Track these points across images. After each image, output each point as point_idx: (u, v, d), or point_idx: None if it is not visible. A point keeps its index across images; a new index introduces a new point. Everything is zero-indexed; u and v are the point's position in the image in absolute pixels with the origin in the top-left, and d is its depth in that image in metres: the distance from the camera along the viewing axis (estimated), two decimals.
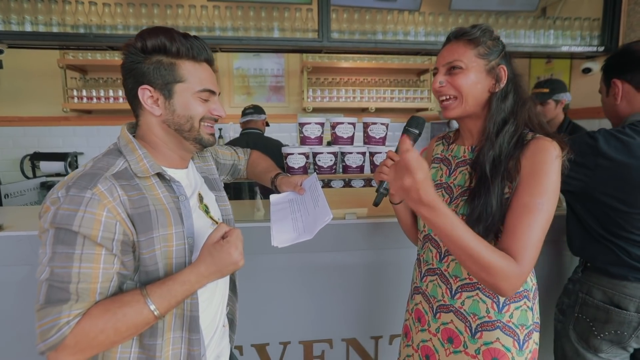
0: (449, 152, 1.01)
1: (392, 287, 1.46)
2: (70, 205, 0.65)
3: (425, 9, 1.97)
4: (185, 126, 0.79)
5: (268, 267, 1.38)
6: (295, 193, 1.06)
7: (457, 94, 0.88)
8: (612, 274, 1.11)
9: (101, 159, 0.75)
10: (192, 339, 0.78)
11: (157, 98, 0.77)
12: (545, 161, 0.80)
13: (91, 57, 3.14)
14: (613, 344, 1.12)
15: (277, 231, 0.88)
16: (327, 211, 0.82)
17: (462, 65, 0.87)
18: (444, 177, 0.98)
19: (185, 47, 0.77)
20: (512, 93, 0.88)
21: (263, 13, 1.87)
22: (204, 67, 0.81)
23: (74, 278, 0.64)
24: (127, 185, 0.72)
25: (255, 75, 3.69)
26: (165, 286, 0.69)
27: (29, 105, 3.31)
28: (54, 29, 1.75)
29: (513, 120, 0.86)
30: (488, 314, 0.86)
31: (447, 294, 0.91)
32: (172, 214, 0.76)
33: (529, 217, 0.78)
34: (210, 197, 0.93)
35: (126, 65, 0.78)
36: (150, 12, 1.81)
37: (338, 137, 1.44)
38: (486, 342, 0.85)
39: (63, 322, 0.63)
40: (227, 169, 1.16)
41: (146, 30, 0.77)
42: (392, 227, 1.40)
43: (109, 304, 0.67)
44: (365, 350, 1.51)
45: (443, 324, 0.92)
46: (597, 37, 2.04)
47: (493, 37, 0.89)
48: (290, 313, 1.44)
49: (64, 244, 0.65)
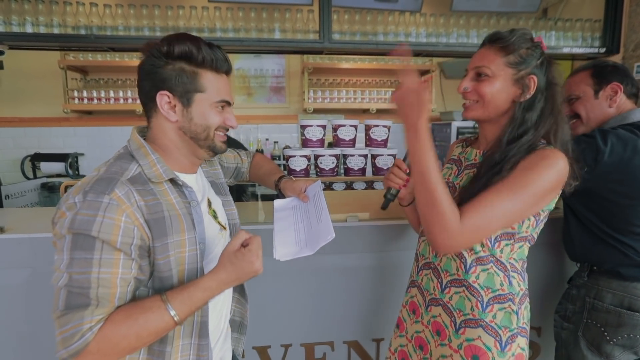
0: (464, 154, 1.03)
1: (394, 290, 1.46)
2: (88, 210, 0.65)
3: (427, 10, 1.96)
4: (202, 135, 0.80)
5: (270, 269, 1.37)
6: (299, 200, 1.06)
7: (479, 98, 0.89)
8: (623, 276, 1.10)
9: (114, 163, 0.74)
10: (201, 344, 0.79)
11: (175, 105, 0.77)
12: (539, 164, 0.80)
13: (92, 58, 3.13)
14: (625, 348, 1.11)
15: (280, 244, 0.89)
16: (330, 229, 0.83)
17: (488, 73, 0.87)
18: (451, 176, 1.01)
19: (210, 57, 0.77)
20: (540, 104, 0.86)
21: (264, 14, 1.87)
22: (223, 78, 0.81)
23: (94, 283, 0.64)
24: (142, 190, 0.72)
25: (255, 76, 3.69)
26: (186, 292, 0.69)
27: (30, 106, 3.31)
28: (55, 30, 1.75)
29: (533, 131, 0.85)
30: (472, 311, 0.88)
31: (438, 288, 0.94)
32: (185, 220, 0.76)
33: (494, 196, 0.80)
34: (217, 202, 0.93)
35: (146, 67, 0.77)
36: (151, 13, 1.81)
37: (340, 140, 1.44)
38: (468, 339, 0.88)
39: (86, 328, 0.62)
40: (230, 172, 1.16)
41: (173, 35, 0.77)
42: (393, 230, 1.40)
43: (130, 309, 0.66)
44: (366, 353, 1.50)
45: (433, 317, 0.95)
46: (598, 38, 2.04)
47: (530, 44, 0.86)
48: (292, 315, 1.44)
49: (83, 250, 0.65)
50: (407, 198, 1.07)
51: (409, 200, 1.08)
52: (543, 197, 0.82)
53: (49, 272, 1.26)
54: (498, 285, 0.87)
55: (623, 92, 1.16)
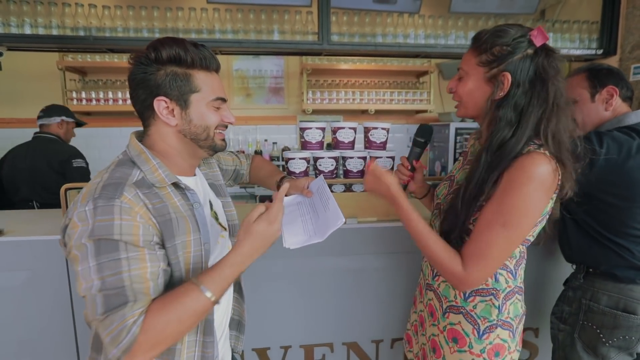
0: (472, 147, 1.05)
1: (393, 291, 1.46)
2: (104, 216, 0.66)
3: (425, 12, 1.97)
4: (202, 135, 0.81)
5: (269, 271, 1.38)
6: (303, 196, 1.06)
7: (459, 99, 0.93)
8: (618, 278, 1.10)
9: (116, 169, 0.74)
10: (206, 341, 0.80)
11: (173, 109, 0.78)
12: (518, 179, 0.78)
13: (90, 59, 3.12)
14: (621, 350, 1.11)
15: (288, 233, 0.89)
16: (339, 215, 0.83)
17: (462, 74, 0.91)
18: (455, 169, 1.06)
19: (198, 57, 0.77)
20: (520, 100, 0.82)
21: (263, 16, 1.87)
22: (215, 76, 0.82)
23: (127, 282, 0.66)
24: (148, 193, 0.73)
25: (254, 77, 3.69)
26: (214, 272, 0.71)
27: (28, 107, 3.28)
28: (54, 31, 1.75)
29: (516, 130, 0.82)
30: (456, 299, 0.96)
31: (430, 275, 1.03)
32: (190, 221, 0.77)
33: (489, 234, 0.82)
34: (217, 204, 0.95)
35: (137, 76, 0.77)
36: (150, 15, 1.81)
37: (339, 142, 1.44)
38: (451, 323, 0.96)
39: (130, 323, 0.64)
40: (229, 174, 1.16)
41: (157, 41, 0.77)
42: (393, 232, 1.40)
43: (166, 297, 0.68)
44: (366, 354, 1.51)
45: (428, 300, 1.05)
46: (595, 40, 2.05)
47: (509, 40, 0.83)
48: (291, 317, 1.44)
49: (108, 253, 0.66)
50: (419, 191, 1.18)
51: (422, 193, 1.19)
52: (535, 211, 0.81)
53: (47, 275, 1.27)
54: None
55: (619, 95, 1.17)
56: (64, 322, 1.31)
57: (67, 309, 1.30)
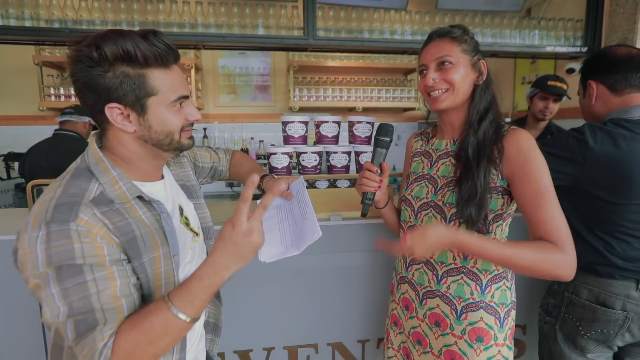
0: (430, 145, 1.06)
1: (379, 290, 1.44)
2: (60, 241, 0.60)
3: (412, 8, 1.96)
4: (165, 140, 0.73)
5: (250, 271, 1.34)
6: (283, 199, 1.02)
7: (448, 87, 0.93)
8: (598, 273, 1.10)
9: (70, 183, 0.66)
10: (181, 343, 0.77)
11: (129, 114, 0.69)
12: (530, 147, 0.88)
13: (68, 54, 3.02)
14: (599, 343, 1.12)
15: (265, 244, 0.85)
16: (316, 228, 0.79)
17: (452, 61, 0.92)
18: (425, 169, 1.04)
19: (152, 52, 0.67)
20: (490, 86, 0.96)
21: (247, 10, 1.82)
22: (174, 71, 0.72)
23: (96, 304, 0.61)
24: (108, 211, 0.66)
25: (240, 74, 3.64)
26: (184, 287, 0.64)
27: (3, 103, 3.19)
28: (27, 23, 1.67)
29: (492, 109, 0.95)
30: (472, 295, 0.93)
31: (434, 280, 0.98)
32: (157, 235, 0.72)
33: (544, 201, 0.84)
34: (189, 207, 0.89)
35: (81, 79, 0.66)
36: (129, 7, 1.74)
37: (323, 136, 1.41)
38: (471, 322, 0.93)
39: (101, 346, 0.60)
40: (206, 171, 1.11)
41: (98, 36, 0.65)
42: (377, 229, 1.37)
43: (136, 316, 0.64)
44: (351, 355, 1.48)
45: (430, 309, 0.99)
46: (580, 37, 2.06)
47: (470, 34, 0.96)
48: (274, 318, 1.40)
49: (73, 277, 0.60)
50: (382, 199, 1.07)
51: (384, 201, 1.09)
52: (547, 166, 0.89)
53: (15, 276, 1.20)
54: (494, 267, 0.94)
55: (607, 86, 1.13)
56: (33, 324, 1.25)
57: (35, 312, 1.24)
